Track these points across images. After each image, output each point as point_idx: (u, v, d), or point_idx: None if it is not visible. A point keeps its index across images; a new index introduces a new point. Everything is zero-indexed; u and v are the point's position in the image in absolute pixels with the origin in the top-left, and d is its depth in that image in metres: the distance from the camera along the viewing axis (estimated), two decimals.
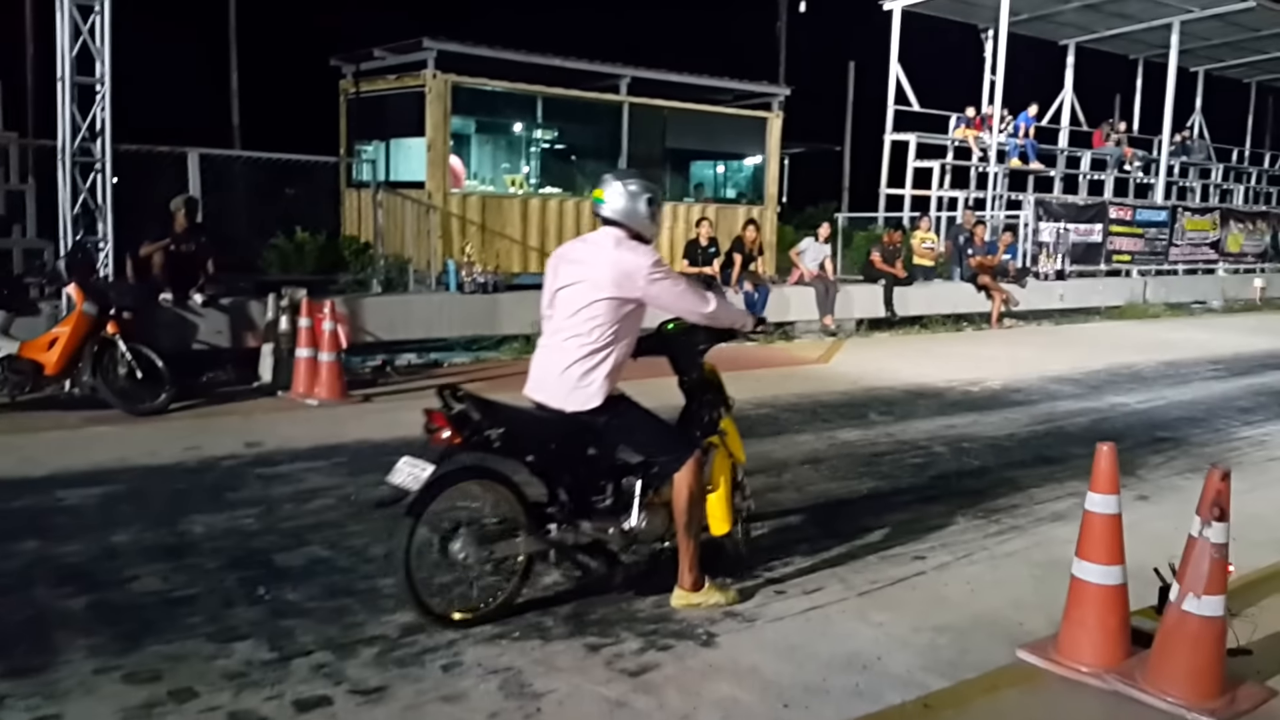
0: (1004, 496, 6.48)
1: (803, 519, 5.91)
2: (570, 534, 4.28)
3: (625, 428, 4.28)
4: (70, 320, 7.67)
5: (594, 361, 4.15)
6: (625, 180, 4.23)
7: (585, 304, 4.14)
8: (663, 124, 14.81)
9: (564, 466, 4.28)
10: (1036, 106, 21.39)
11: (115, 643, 3.95)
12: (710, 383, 4.76)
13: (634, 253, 4.15)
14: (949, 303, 16.01)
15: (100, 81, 8.17)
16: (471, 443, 3.97)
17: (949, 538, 5.63)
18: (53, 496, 5.74)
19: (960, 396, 10.02)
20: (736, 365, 11.15)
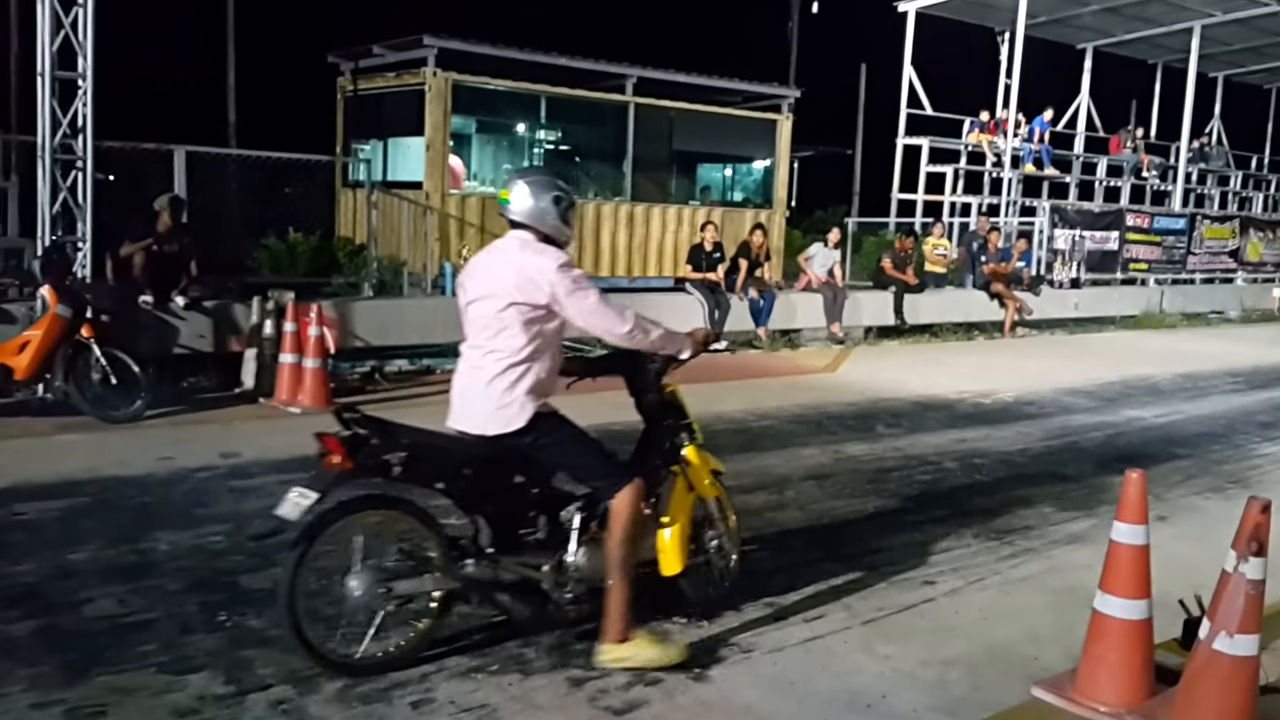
0: (1017, 516, 6.24)
1: (805, 540, 5.65)
2: (489, 570, 3.84)
3: (553, 450, 3.88)
4: (43, 323, 7.43)
5: (513, 377, 3.77)
6: (530, 179, 3.93)
7: (494, 315, 3.79)
8: (669, 125, 14.55)
9: (483, 495, 3.87)
10: (1052, 111, 21.16)
11: (60, 673, 3.72)
12: (670, 405, 4.35)
13: (538, 255, 3.79)
14: (961, 311, 15.74)
15: (82, 76, 7.95)
16: (367, 468, 3.61)
17: (960, 561, 5.37)
18: (10, 510, 5.49)
19: (971, 409, 9.75)
20: (739, 374, 10.98)
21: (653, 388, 4.29)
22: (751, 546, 5.41)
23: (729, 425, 8.42)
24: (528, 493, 3.95)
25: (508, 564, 3.87)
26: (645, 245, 14.01)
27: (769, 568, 5.10)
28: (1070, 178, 21.98)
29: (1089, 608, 3.76)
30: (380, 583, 3.69)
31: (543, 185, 3.89)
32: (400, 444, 3.67)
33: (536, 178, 3.95)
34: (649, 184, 14.41)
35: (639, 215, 13.94)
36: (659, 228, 14.09)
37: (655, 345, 3.99)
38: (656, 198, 14.36)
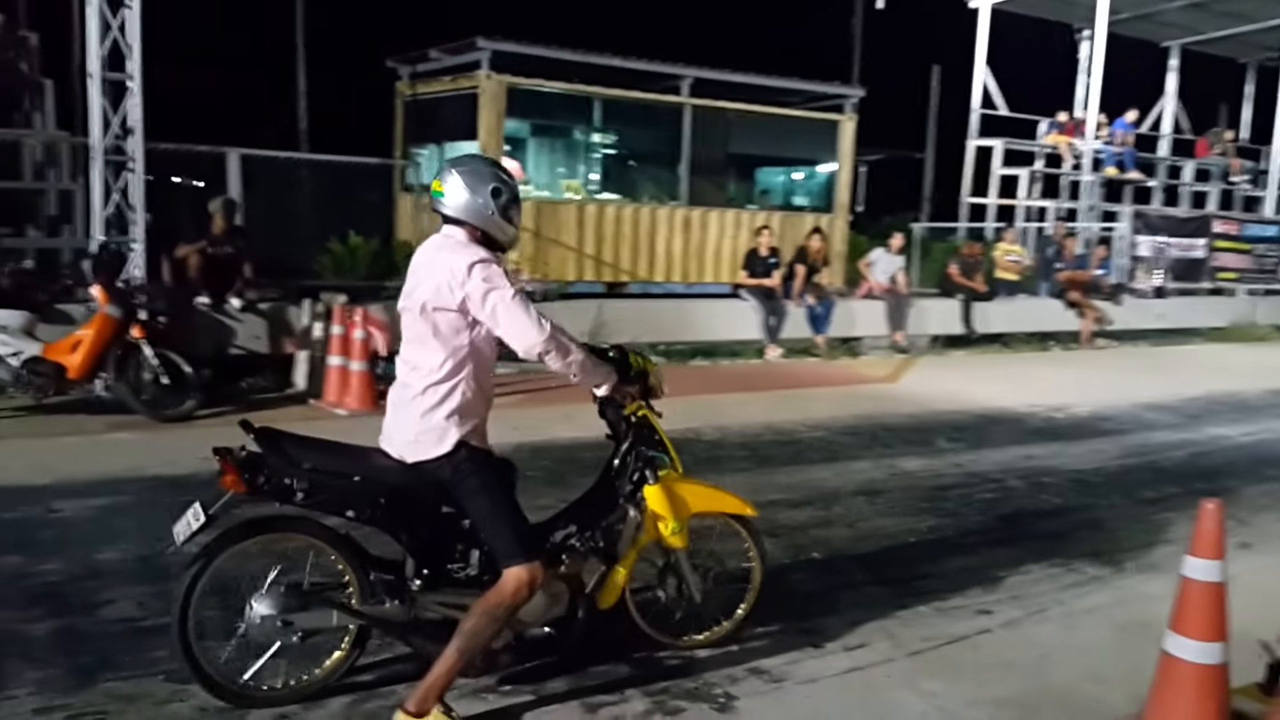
0: (1086, 542, 5.91)
1: (850, 560, 5.42)
2: (403, 609, 3.50)
3: (461, 491, 3.44)
4: (93, 323, 7.54)
5: (434, 399, 3.38)
6: (466, 168, 3.48)
7: (413, 324, 3.44)
8: (727, 127, 14.36)
9: (400, 526, 3.52)
10: (1136, 112, 20.45)
11: (68, 677, 3.69)
12: (642, 431, 3.87)
13: (453, 253, 3.38)
14: (1034, 320, 15.27)
15: (130, 78, 8.02)
16: (264, 492, 3.34)
17: (1020, 589, 5.10)
18: (47, 507, 5.53)
19: (1042, 424, 9.38)
20: (792, 382, 10.77)
21: (617, 412, 3.84)
22: (791, 565, 5.23)
23: (777, 436, 8.21)
24: (457, 524, 3.55)
25: (427, 601, 3.52)
26: (701, 251, 13.82)
27: (809, 589, 4.90)
28: (1154, 182, 21.22)
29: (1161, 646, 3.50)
30: (280, 614, 3.42)
31: (480, 176, 3.46)
32: (305, 466, 3.37)
33: (473, 166, 3.51)
34: (706, 187, 14.23)
35: (695, 220, 13.76)
36: (716, 233, 13.89)
37: (569, 370, 3.47)
38: (713, 202, 14.17)
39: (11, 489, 5.85)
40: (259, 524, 3.48)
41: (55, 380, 7.43)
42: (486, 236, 3.48)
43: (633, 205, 13.54)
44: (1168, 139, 21.93)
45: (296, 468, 3.36)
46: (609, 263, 13.20)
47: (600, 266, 13.13)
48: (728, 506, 4.15)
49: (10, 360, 7.32)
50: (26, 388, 7.42)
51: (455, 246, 3.42)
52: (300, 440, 3.46)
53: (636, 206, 13.52)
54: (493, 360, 3.53)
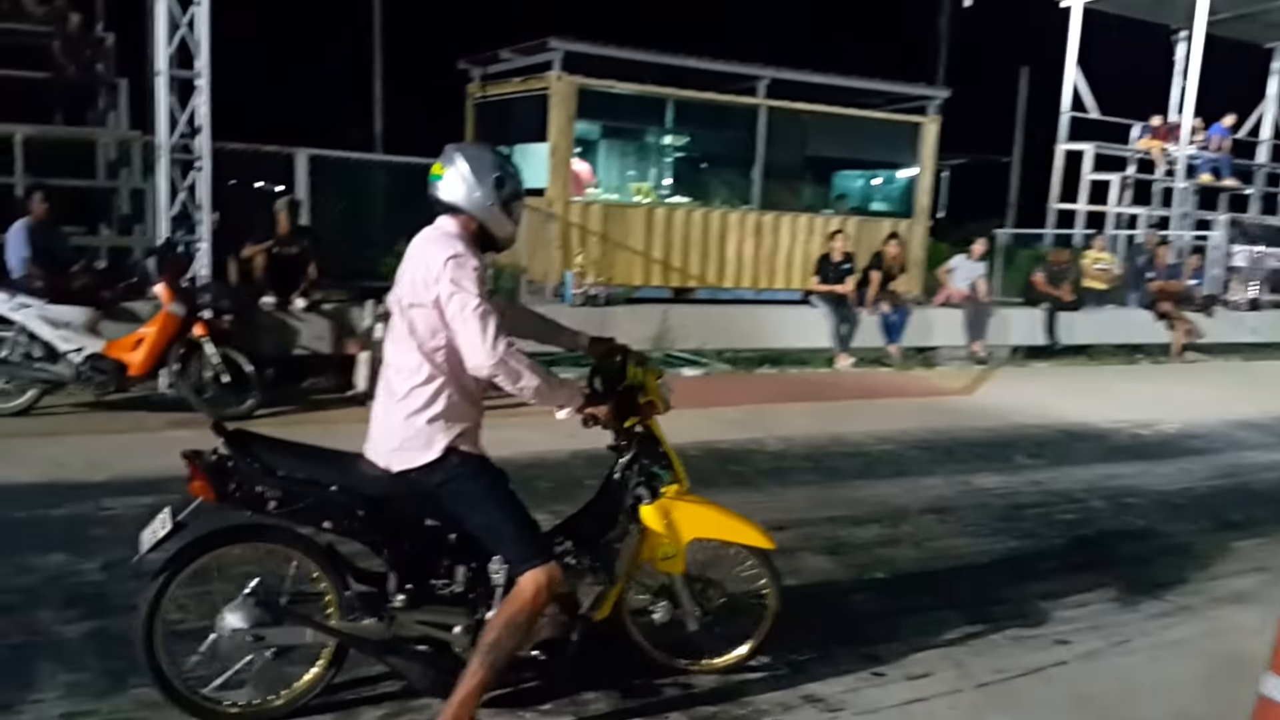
0: (1173, 568, 5.60)
1: (917, 582, 5.18)
2: (381, 626, 3.33)
3: (460, 500, 3.26)
4: (156, 320, 7.62)
5: (417, 402, 3.20)
6: (470, 153, 3.28)
7: (399, 319, 3.26)
8: (804, 129, 14.08)
9: (380, 540, 3.35)
10: (1234, 117, 19.66)
11: (98, 681, 3.65)
12: (646, 442, 3.63)
13: (436, 245, 3.18)
14: (1122, 331, 14.72)
15: (199, 75, 8.10)
16: (234, 500, 3.19)
17: (1100, 618, 4.82)
18: (98, 505, 5.55)
19: (1127, 440, 8.98)
20: (863, 393, 10.49)
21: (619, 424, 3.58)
22: (854, 585, 5.02)
23: (844, 448, 7.96)
24: (443, 538, 3.36)
25: (407, 619, 3.34)
26: (773, 256, 13.57)
27: (871, 611, 4.68)
28: (1251, 190, 20.40)
29: (1255, 683, 3.22)
30: (252, 628, 3.26)
31: (483, 163, 3.26)
32: (278, 474, 3.20)
33: (477, 152, 3.30)
34: (780, 191, 13.97)
35: (767, 224, 13.52)
36: (788, 238, 13.63)
37: (526, 394, 3.20)
38: (787, 206, 13.90)
39: (65, 485, 5.90)
40: (232, 533, 3.34)
41: (116, 377, 7.51)
42: (483, 230, 3.30)
43: (703, 209, 13.35)
44: (1268, 145, 21.04)
45: (269, 475, 3.20)
46: (677, 267, 13.03)
47: (668, 271, 12.97)
48: (739, 536, 3.80)
49: (72, 356, 7.42)
50: (87, 384, 7.51)
51: (437, 238, 3.23)
52: (276, 445, 3.31)
53: (707, 210, 13.33)
54: None
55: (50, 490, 5.79)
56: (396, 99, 22.06)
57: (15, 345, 7.41)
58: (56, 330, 7.40)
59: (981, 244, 13.75)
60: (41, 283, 7.76)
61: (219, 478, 3.16)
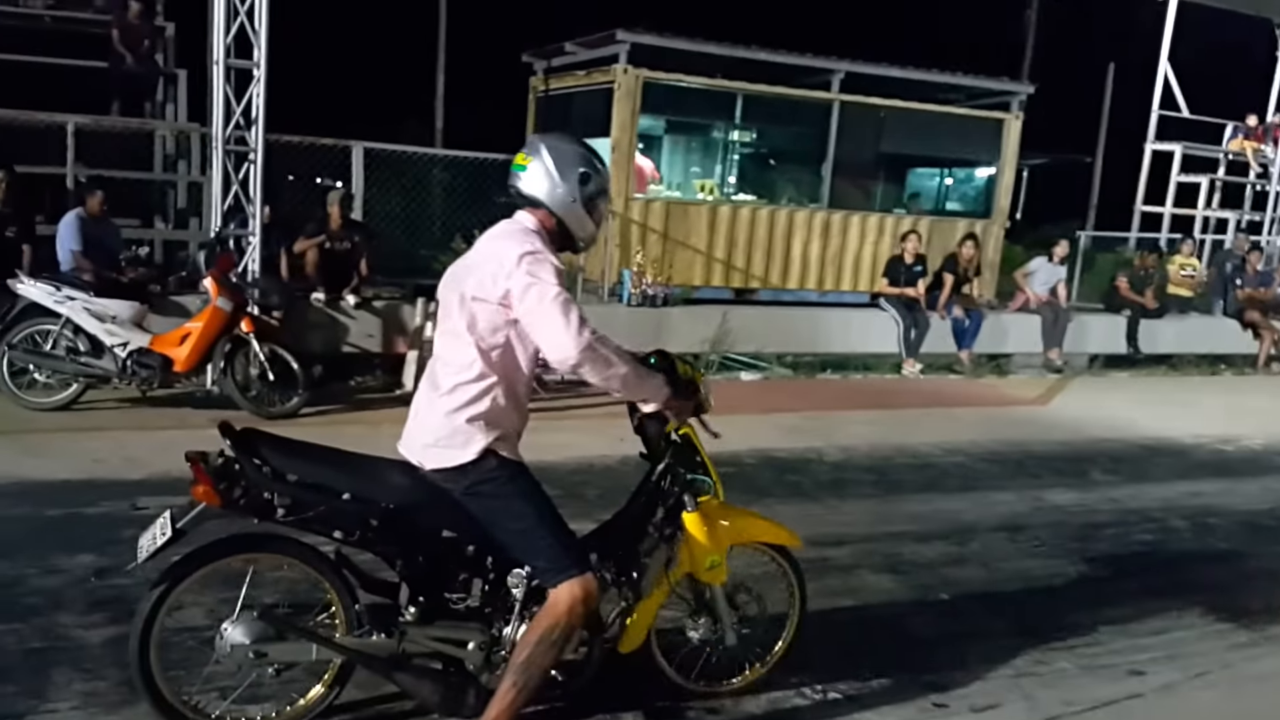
0: (1258, 594, 5.32)
1: (984, 605, 4.94)
2: (391, 643, 3.18)
3: (492, 506, 3.10)
4: (203, 315, 7.58)
5: (461, 399, 3.05)
6: (556, 145, 3.13)
7: (455, 311, 3.09)
8: (878, 125, 13.73)
9: (394, 551, 3.19)
10: None
11: (114, 691, 3.56)
12: (678, 446, 3.49)
13: (510, 240, 3.04)
14: (1206, 341, 14.18)
15: (257, 66, 8.08)
16: (242, 507, 3.04)
17: (1179, 647, 4.56)
18: (133, 504, 5.50)
19: (1210, 456, 8.59)
20: (931, 401, 10.18)
21: (657, 429, 3.46)
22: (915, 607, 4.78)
23: (910, 459, 7.70)
24: (460, 550, 3.20)
25: (419, 635, 3.20)
26: (841, 257, 13.27)
27: (933, 636, 4.45)
28: None
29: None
30: (255, 644, 3.11)
31: (569, 157, 3.12)
32: (288, 482, 3.03)
33: (565, 146, 3.15)
34: (850, 190, 13.67)
35: (836, 224, 13.23)
36: (857, 238, 13.32)
37: (610, 385, 3.06)
38: (857, 205, 13.59)
39: (102, 483, 5.87)
40: (235, 543, 3.20)
41: (161, 372, 7.48)
42: (562, 228, 3.16)
43: (769, 207, 13.11)
44: None
45: (278, 480, 3.03)
46: (739, 268, 12.80)
47: (730, 271, 12.75)
48: (769, 535, 3.75)
49: (117, 350, 7.41)
50: (132, 379, 7.48)
51: (512, 233, 3.09)
52: (286, 447, 3.14)
53: (773, 209, 13.08)
54: (532, 367, 3.15)
55: (86, 487, 5.77)
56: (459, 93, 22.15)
57: (60, 339, 7.42)
58: (102, 324, 7.39)
59: (1064, 246, 13.32)
60: (90, 276, 7.80)
61: (225, 482, 3.02)
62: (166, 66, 11.50)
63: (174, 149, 10.80)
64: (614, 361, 3.02)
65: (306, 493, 3.04)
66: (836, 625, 4.49)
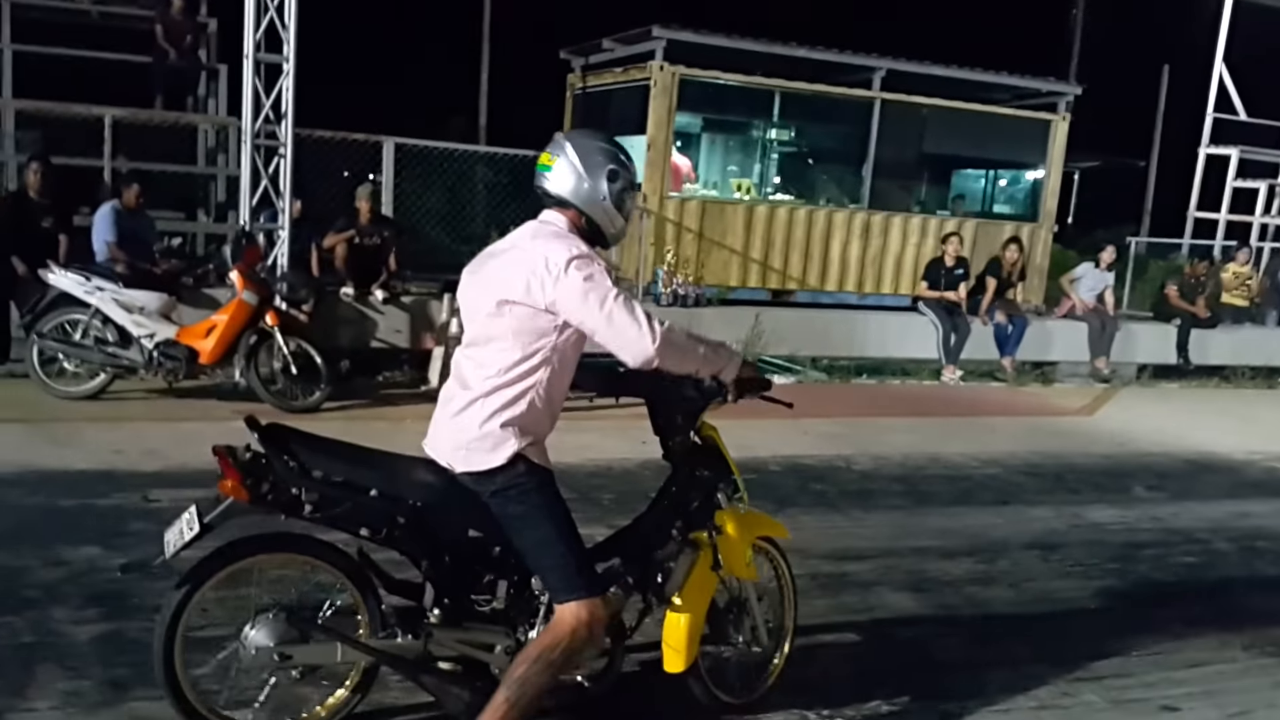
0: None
1: (1010, 629, 4.70)
2: (417, 645, 3.10)
3: (512, 512, 3.02)
4: (229, 308, 7.57)
5: (496, 404, 2.96)
6: (582, 142, 3.06)
7: (486, 317, 2.99)
8: (921, 124, 13.44)
9: (420, 550, 3.11)
10: None
11: (97, 691, 3.48)
12: (706, 452, 3.47)
13: (551, 243, 2.94)
14: (1261, 353, 13.71)
15: (286, 60, 8.04)
16: (268, 502, 2.96)
17: (1219, 681, 4.29)
18: (144, 495, 5.45)
19: (1262, 475, 8.24)
20: (969, 409, 9.91)
21: (685, 428, 3.41)
22: (936, 627, 4.57)
23: (943, 470, 7.45)
24: (486, 551, 3.15)
25: (444, 638, 3.13)
26: (881, 259, 13.00)
27: (953, 660, 4.23)
28: None
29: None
30: (279, 645, 3.03)
31: (598, 154, 3.03)
32: (316, 477, 2.97)
33: (590, 142, 3.07)
34: (891, 191, 13.39)
35: (876, 225, 12.96)
36: (898, 240, 13.05)
37: (691, 367, 3.07)
38: (899, 206, 13.32)
39: (118, 474, 5.83)
40: (261, 541, 3.13)
41: (186, 364, 7.49)
42: (591, 225, 3.07)
43: (807, 207, 12.88)
44: None
45: (306, 476, 2.96)
46: (776, 268, 12.59)
47: (767, 272, 12.54)
48: (765, 529, 3.70)
49: (144, 341, 7.43)
50: (158, 370, 7.50)
51: (551, 236, 2.99)
52: (313, 442, 3.06)
53: (811, 209, 12.85)
54: (571, 372, 3.07)
55: (102, 478, 5.73)
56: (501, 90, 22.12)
57: (89, 328, 7.47)
58: (130, 315, 7.42)
59: (1110, 251, 12.93)
60: (123, 267, 7.82)
61: (252, 477, 2.94)
62: (209, 62, 11.53)
63: (215, 143, 10.82)
64: (687, 346, 3.02)
65: (334, 489, 2.98)
66: (850, 646, 4.31)
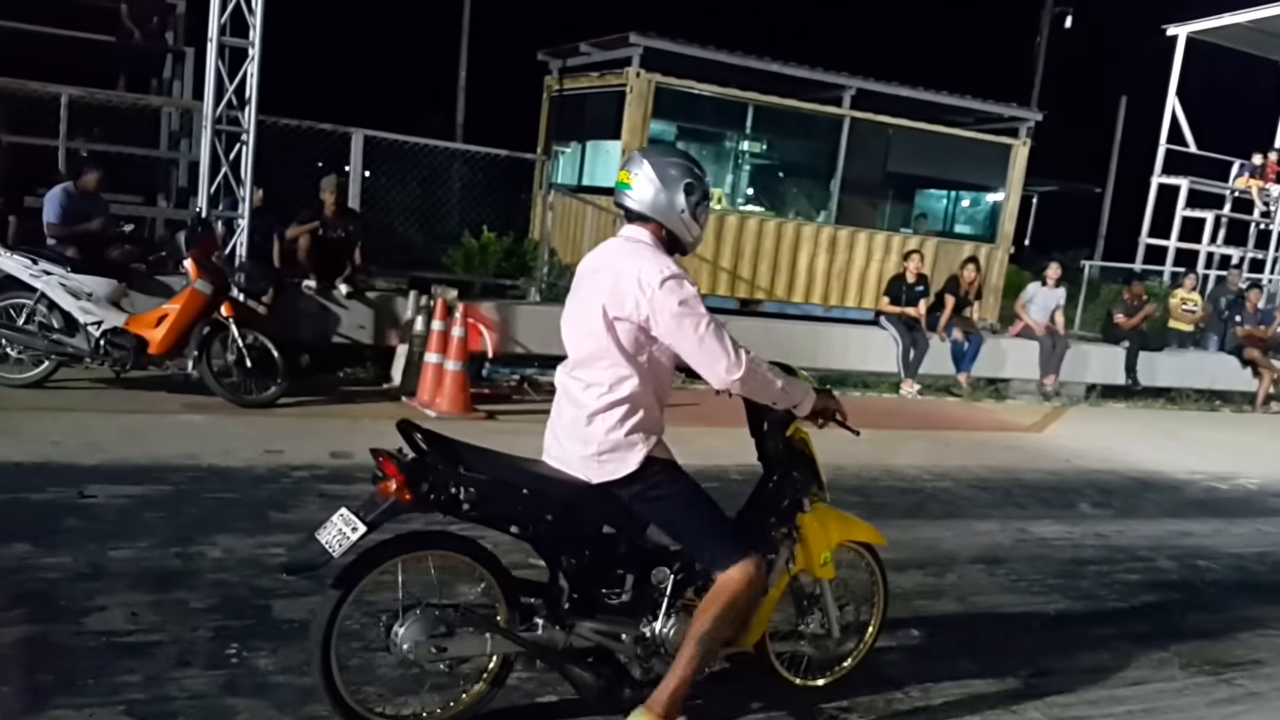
0: (1244, 645, 4.94)
1: (956, 643, 4.56)
2: (561, 635, 3.22)
3: (660, 507, 3.19)
4: (181, 297, 7.23)
5: (618, 416, 3.10)
6: (659, 159, 3.17)
7: (590, 334, 3.11)
8: (886, 143, 13.41)
9: (563, 546, 3.25)
10: None
11: (19, 699, 3.23)
12: (798, 455, 3.59)
13: (643, 260, 3.06)
14: (1205, 376, 13.73)
15: (252, 45, 7.77)
16: (431, 502, 3.01)
17: (1158, 700, 4.19)
18: (79, 491, 5.16)
19: (1203, 494, 8.21)
20: (924, 423, 9.81)
21: (777, 434, 3.52)
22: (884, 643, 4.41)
23: (896, 483, 7.33)
24: (616, 545, 3.30)
25: (583, 629, 3.24)
26: (846, 273, 12.93)
27: (900, 676, 4.08)
28: None
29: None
30: (432, 639, 3.08)
31: (675, 169, 3.16)
32: (472, 477, 3.06)
33: (667, 158, 3.20)
34: (858, 206, 13.35)
35: (842, 240, 12.88)
36: (863, 255, 12.98)
37: (768, 398, 3.24)
38: (864, 222, 13.27)
39: (54, 467, 5.51)
40: (407, 541, 3.16)
41: (135, 354, 7.12)
42: (671, 236, 3.20)
43: (776, 219, 12.79)
44: None
45: (465, 478, 3.05)
46: (745, 278, 12.48)
47: (735, 281, 12.42)
48: (861, 535, 3.90)
49: (91, 329, 7.07)
50: (104, 359, 7.15)
51: (642, 252, 3.12)
52: (463, 447, 3.16)
53: (780, 221, 12.77)
54: (673, 372, 3.27)
55: (38, 471, 5.41)
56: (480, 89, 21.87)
57: (34, 314, 7.09)
58: (77, 301, 7.05)
59: (1055, 268, 12.87)
60: (73, 251, 7.47)
61: (416, 480, 2.98)
62: (175, 44, 11.18)
63: (178, 127, 10.50)
64: (769, 378, 3.18)
65: (490, 488, 3.07)
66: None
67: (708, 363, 3.05)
